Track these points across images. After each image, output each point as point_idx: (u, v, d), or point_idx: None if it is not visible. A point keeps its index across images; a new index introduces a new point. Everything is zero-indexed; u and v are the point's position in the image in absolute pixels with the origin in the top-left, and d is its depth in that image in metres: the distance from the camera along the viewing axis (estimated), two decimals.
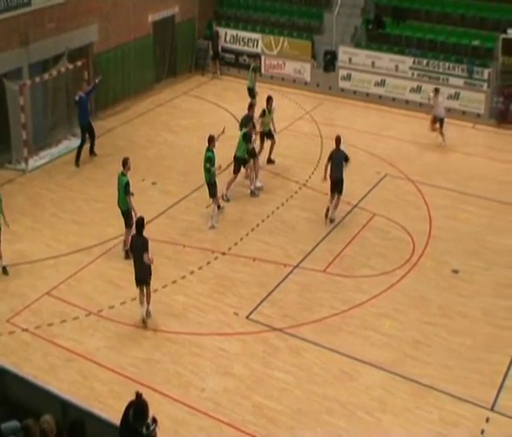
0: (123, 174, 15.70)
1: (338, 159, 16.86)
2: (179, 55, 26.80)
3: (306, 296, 14.72)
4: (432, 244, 16.23)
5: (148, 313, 13.93)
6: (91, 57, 22.71)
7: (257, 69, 22.48)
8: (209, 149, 16.96)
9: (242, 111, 19.98)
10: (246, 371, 12.73)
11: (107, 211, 17.68)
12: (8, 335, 13.51)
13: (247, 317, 14.10)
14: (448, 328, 13.69)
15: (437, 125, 20.80)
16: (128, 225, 15.64)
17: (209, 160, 16.86)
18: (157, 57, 25.79)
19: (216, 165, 17.00)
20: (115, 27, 23.50)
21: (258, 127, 19.24)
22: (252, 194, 18.44)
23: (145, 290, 13.82)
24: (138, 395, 9.05)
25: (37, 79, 20.22)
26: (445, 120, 20.87)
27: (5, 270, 15.28)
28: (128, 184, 15.56)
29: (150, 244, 13.71)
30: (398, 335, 13.51)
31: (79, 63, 21.36)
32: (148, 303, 13.92)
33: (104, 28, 23.07)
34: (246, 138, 18.10)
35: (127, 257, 15.40)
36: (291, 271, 15.46)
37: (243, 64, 26.35)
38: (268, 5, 27.58)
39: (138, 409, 8.93)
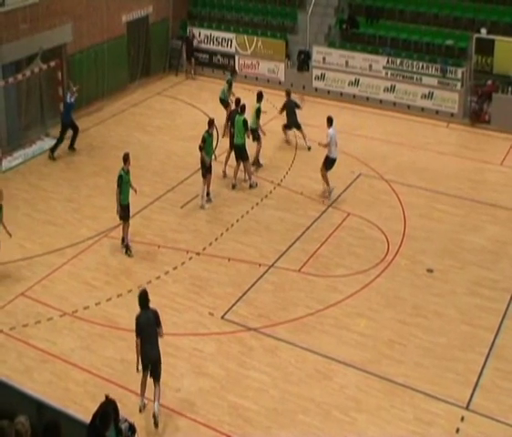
0: (123, 169, 15.80)
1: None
2: (152, 55, 26.71)
3: (281, 296, 14.76)
4: (406, 243, 16.35)
5: (158, 411, 11.55)
6: (65, 58, 22.55)
7: (231, 82, 22.24)
8: (208, 132, 17.63)
9: (216, 111, 20.02)
10: (221, 371, 12.73)
11: (80, 212, 17.59)
12: None
13: (222, 317, 14.10)
14: (423, 327, 13.78)
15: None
16: (126, 218, 16.01)
17: (205, 141, 17.53)
18: (131, 58, 25.68)
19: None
20: (88, 28, 23.36)
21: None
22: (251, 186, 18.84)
23: (157, 385, 11.57)
24: (106, 398, 9.02)
25: (11, 80, 20.04)
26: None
27: None
28: (120, 177, 15.76)
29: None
30: (373, 334, 13.59)
31: (53, 63, 21.20)
32: (159, 398, 11.56)
33: (77, 28, 22.91)
34: (245, 125, 18.53)
35: (128, 252, 15.88)
36: (266, 271, 15.49)
37: (217, 64, 26.36)
38: (242, 4, 27.58)
39: (103, 413, 8.93)
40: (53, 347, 13.16)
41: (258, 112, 19.63)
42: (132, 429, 9.43)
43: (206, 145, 17.64)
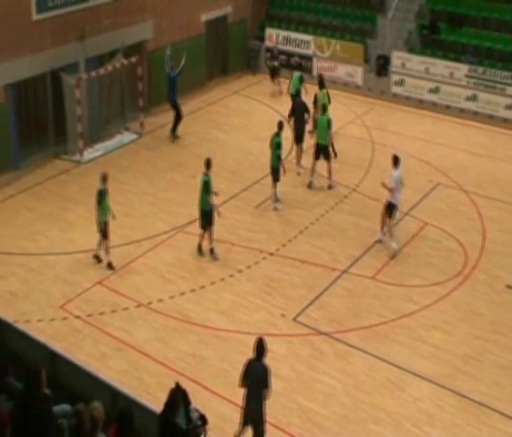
0: (205, 174, 15.56)
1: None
2: (230, 54, 26.92)
3: (354, 302, 14.61)
4: (485, 257, 15.95)
5: None
6: (145, 54, 22.93)
7: (302, 77, 22.35)
8: (278, 134, 17.46)
9: None
10: (292, 374, 12.68)
11: (156, 206, 17.86)
12: (61, 321, 13.76)
13: (294, 319, 14.06)
14: (500, 344, 13.41)
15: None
16: (209, 225, 15.59)
17: (279, 146, 17.35)
18: (209, 56, 25.93)
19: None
20: (168, 25, 23.69)
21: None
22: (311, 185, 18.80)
23: None
24: (176, 386, 9.03)
25: (93, 73, 20.51)
26: None
27: (110, 265, 15.36)
28: (208, 183, 15.40)
29: None
30: (448, 348, 13.29)
31: (134, 59, 21.57)
32: None
33: (158, 26, 23.29)
34: (329, 125, 18.50)
35: (212, 256, 15.63)
36: (340, 276, 15.37)
37: (295, 65, 26.29)
38: (321, 7, 27.47)
39: (171, 398, 8.90)
40: (128, 336, 13.40)
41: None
42: (203, 419, 9.45)
43: (273, 147, 17.56)
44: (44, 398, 8.47)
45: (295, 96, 21.24)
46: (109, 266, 15.32)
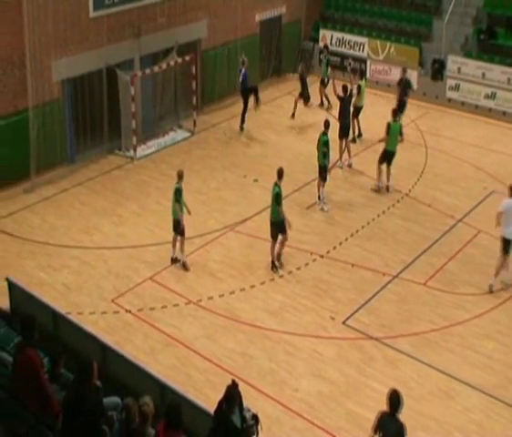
0: (277, 184, 15.25)
1: None
2: (284, 55, 26.90)
3: (404, 307, 14.44)
4: None
5: None
6: (199, 53, 23.10)
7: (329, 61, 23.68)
8: (325, 134, 17.49)
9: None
10: (340, 377, 12.61)
11: (208, 204, 17.96)
12: (112, 314, 13.95)
13: (343, 322, 13.97)
14: None
15: None
16: (281, 233, 15.33)
17: (326, 144, 17.33)
18: (262, 56, 25.97)
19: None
20: (223, 25, 23.81)
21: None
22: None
23: None
24: (233, 383, 9.04)
25: (148, 71, 20.75)
26: None
27: (184, 266, 15.40)
28: (279, 194, 15.12)
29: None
30: (501, 359, 13.02)
31: (187, 57, 21.72)
32: None
33: (212, 25, 23.42)
34: (401, 131, 18.62)
35: (274, 268, 15.27)
36: (390, 281, 15.20)
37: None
38: (375, 9, 27.24)
39: (229, 395, 8.88)
40: (178, 332, 13.50)
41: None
42: (255, 418, 9.47)
43: (320, 147, 17.56)
44: (95, 390, 8.61)
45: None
46: (184, 266, 15.32)
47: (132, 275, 15.14)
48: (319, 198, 17.94)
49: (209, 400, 10.61)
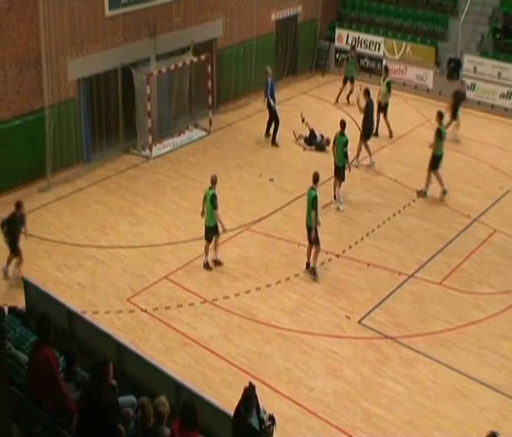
0: (313, 188, 15.10)
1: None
2: (300, 54, 26.89)
3: (420, 307, 14.38)
4: None
5: None
6: (215, 52, 23.13)
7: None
8: (343, 134, 17.54)
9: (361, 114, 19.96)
10: (356, 376, 12.58)
11: (224, 203, 17.80)
12: (128, 313, 13.99)
13: (359, 321, 13.94)
14: None
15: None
16: (314, 242, 15.17)
17: (346, 145, 17.37)
18: (278, 56, 25.97)
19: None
20: (238, 24, 23.83)
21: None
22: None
23: None
24: (250, 385, 9.01)
25: (163, 70, 20.80)
26: None
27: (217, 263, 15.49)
28: (316, 198, 14.89)
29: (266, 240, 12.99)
30: None
31: (203, 57, 21.75)
32: None
33: (228, 24, 23.44)
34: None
35: (311, 273, 15.16)
36: (406, 280, 15.15)
37: (364, 67, 26.08)
38: (391, 9, 27.15)
39: (246, 398, 8.84)
40: (193, 332, 13.52)
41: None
42: (272, 419, 9.47)
43: (340, 147, 17.50)
44: (111, 389, 8.63)
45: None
46: (217, 263, 15.45)
47: (148, 274, 15.18)
48: (334, 197, 17.92)
49: (224, 399, 10.69)
